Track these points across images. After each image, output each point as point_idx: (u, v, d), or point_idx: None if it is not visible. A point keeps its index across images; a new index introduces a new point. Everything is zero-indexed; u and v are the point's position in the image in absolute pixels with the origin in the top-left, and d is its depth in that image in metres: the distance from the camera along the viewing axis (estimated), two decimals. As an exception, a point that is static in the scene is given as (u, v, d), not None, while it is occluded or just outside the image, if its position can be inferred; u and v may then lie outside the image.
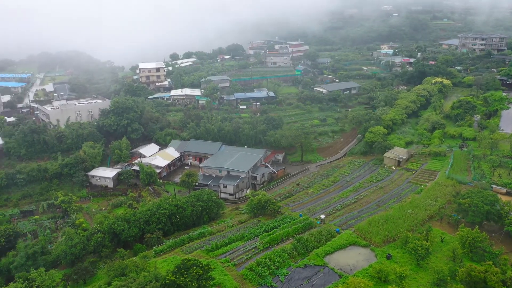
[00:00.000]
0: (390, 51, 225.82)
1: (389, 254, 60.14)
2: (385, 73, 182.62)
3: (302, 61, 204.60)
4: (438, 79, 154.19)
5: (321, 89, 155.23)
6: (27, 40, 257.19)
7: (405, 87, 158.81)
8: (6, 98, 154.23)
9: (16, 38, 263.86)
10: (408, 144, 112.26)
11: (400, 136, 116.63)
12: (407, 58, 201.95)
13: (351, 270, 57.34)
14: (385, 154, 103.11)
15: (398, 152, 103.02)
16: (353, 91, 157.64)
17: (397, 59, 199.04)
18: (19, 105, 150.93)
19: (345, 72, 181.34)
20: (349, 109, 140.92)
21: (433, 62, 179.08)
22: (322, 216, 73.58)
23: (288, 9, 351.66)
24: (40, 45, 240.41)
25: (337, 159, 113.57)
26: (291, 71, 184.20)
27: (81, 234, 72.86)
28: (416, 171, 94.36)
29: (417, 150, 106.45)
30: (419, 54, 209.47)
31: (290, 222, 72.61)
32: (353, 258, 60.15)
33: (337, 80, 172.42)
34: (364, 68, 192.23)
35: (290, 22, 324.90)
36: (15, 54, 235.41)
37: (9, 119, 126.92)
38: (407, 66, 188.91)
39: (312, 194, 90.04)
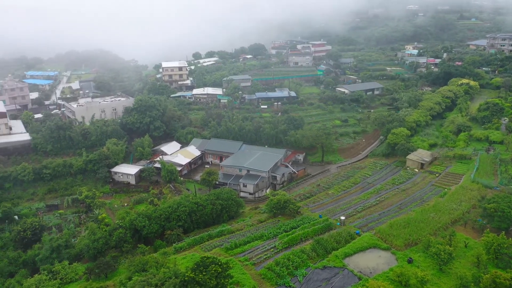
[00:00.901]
0: (415, 52, 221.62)
1: (410, 258, 59.05)
2: (409, 74, 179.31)
3: (324, 61, 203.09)
4: (465, 81, 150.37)
5: (343, 90, 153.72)
6: (55, 39, 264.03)
7: (430, 89, 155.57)
8: (35, 95, 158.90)
9: (45, 37, 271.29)
10: (432, 146, 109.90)
11: (423, 138, 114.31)
12: (433, 58, 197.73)
13: (371, 273, 56.59)
14: (408, 156, 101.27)
15: (422, 155, 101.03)
16: (376, 92, 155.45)
17: (422, 60, 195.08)
18: (47, 102, 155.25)
19: (368, 73, 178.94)
20: (372, 110, 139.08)
21: (460, 63, 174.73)
22: (342, 218, 72.89)
23: (313, 8, 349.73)
24: (68, 44, 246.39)
25: (359, 160, 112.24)
26: (313, 71, 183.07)
27: (104, 229, 74.28)
28: (440, 174, 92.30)
29: (441, 152, 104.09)
30: (445, 55, 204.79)
31: (309, 222, 72.19)
32: (373, 261, 59.34)
33: (360, 81, 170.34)
34: (388, 68, 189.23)
35: (314, 22, 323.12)
36: (44, 52, 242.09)
37: (36, 116, 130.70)
38: (432, 67, 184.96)
39: (333, 195, 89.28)
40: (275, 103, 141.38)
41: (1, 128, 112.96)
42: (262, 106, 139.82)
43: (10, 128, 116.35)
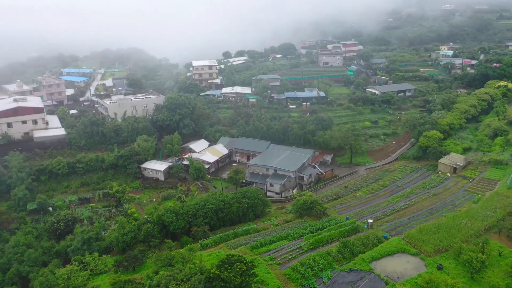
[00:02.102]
0: (450, 52, 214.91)
1: (440, 264, 57.34)
2: (444, 75, 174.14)
3: (355, 61, 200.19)
4: (503, 83, 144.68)
5: (373, 90, 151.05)
6: (91, 37, 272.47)
7: (465, 91, 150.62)
8: (70, 91, 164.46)
9: (82, 36, 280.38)
10: (466, 150, 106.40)
11: (457, 141, 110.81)
12: (469, 60, 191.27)
13: (398, 278, 55.34)
14: (440, 160, 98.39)
15: (455, 159, 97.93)
16: (408, 93, 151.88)
17: (457, 61, 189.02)
18: (81, 99, 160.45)
19: (400, 74, 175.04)
20: (403, 112, 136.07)
21: (498, 65, 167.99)
22: (370, 221, 71.63)
23: (346, 7, 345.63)
24: (103, 42, 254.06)
25: (388, 163, 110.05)
26: (343, 71, 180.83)
27: (132, 224, 75.90)
28: (474, 179, 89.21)
29: (475, 157, 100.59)
30: (482, 56, 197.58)
31: (336, 224, 71.38)
32: (401, 266, 57.99)
33: (391, 82, 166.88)
34: (421, 69, 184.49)
35: (346, 21, 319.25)
36: (80, 50, 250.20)
37: (72, 111, 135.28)
38: (468, 69, 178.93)
39: (360, 197, 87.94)
40: (304, 103, 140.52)
41: (39, 122, 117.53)
42: (290, 106, 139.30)
43: (47, 123, 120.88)
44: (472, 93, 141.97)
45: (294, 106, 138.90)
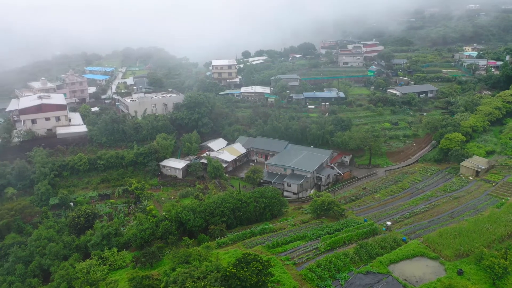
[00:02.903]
0: (474, 53, 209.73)
1: (461, 269, 56.08)
2: (467, 76, 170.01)
3: (375, 62, 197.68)
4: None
5: (394, 91, 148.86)
6: (113, 36, 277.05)
7: (489, 92, 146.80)
8: (92, 89, 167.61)
9: (104, 35, 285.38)
10: (489, 153, 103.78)
11: (480, 144, 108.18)
12: (494, 61, 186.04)
13: (416, 282, 54.39)
14: (462, 163, 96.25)
15: (477, 162, 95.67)
16: (430, 95, 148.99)
17: (482, 62, 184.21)
18: (103, 96, 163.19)
19: (422, 74, 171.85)
20: (424, 113, 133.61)
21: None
22: (389, 223, 70.66)
23: (368, 7, 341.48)
24: (124, 41, 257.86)
25: (408, 165, 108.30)
26: (363, 71, 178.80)
27: (151, 220, 76.90)
28: (497, 183, 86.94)
29: (499, 160, 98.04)
30: (507, 57, 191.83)
31: (353, 226, 70.72)
32: (419, 270, 56.99)
33: (413, 83, 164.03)
34: (444, 70, 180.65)
35: (367, 21, 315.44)
36: (102, 49, 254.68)
37: (93, 109, 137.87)
38: (493, 70, 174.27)
39: (379, 199, 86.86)
40: (323, 103, 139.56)
41: (62, 119, 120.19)
42: (309, 106, 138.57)
43: (70, 120, 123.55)
44: (497, 95, 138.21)
45: (313, 106, 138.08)
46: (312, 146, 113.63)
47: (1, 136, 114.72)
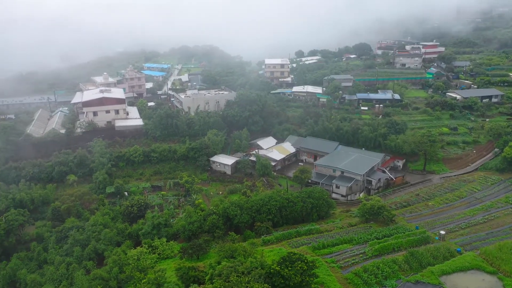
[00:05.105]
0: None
1: (521, 287, 52.29)
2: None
3: (435, 64, 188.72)
4: None
5: (454, 95, 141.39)
6: (171, 34, 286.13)
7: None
8: (149, 85, 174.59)
9: (163, 32, 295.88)
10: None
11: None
12: None
13: (471, 296, 51.46)
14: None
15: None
16: (494, 100, 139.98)
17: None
18: (159, 92, 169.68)
19: (486, 78, 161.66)
20: (487, 119, 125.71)
21: None
22: (442, 232, 67.39)
23: (432, 7, 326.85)
24: (181, 39, 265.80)
25: (467, 172, 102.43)
26: (421, 73, 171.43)
27: (199, 214, 78.68)
28: None
29: None
30: None
31: (404, 232, 68.20)
32: (474, 284, 53.84)
33: (475, 86, 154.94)
34: (511, 74, 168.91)
35: (429, 21, 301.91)
36: (161, 46, 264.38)
37: (150, 104, 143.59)
38: None
39: (433, 207, 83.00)
40: (377, 105, 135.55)
41: (120, 113, 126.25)
42: (362, 108, 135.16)
43: (127, 114, 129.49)
44: None
45: (366, 108, 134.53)
46: (363, 149, 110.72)
47: (66, 126, 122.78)
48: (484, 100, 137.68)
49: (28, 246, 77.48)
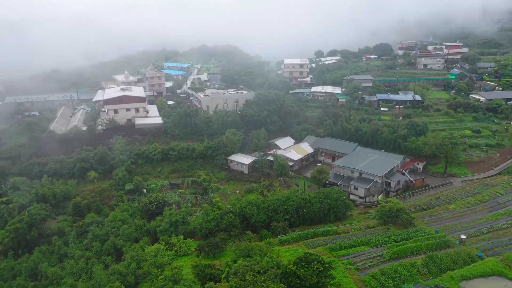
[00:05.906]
0: None
1: (545, 295, 50.77)
2: None
3: (458, 65, 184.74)
4: None
5: (478, 97, 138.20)
6: (191, 34, 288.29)
7: None
8: (169, 84, 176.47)
9: (183, 32, 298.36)
10: None
11: None
12: None
13: (492, 303, 50.22)
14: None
15: None
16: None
17: None
18: (178, 91, 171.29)
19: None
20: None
21: None
22: (463, 237, 65.97)
23: (455, 7, 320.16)
24: (201, 39, 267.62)
25: (489, 176, 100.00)
26: (443, 74, 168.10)
27: (216, 212, 79.07)
28: None
29: None
30: None
31: (423, 236, 67.12)
32: (496, 290, 52.55)
33: (500, 88, 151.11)
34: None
35: (454, 22, 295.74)
36: (181, 45, 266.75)
37: (169, 102, 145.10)
38: None
39: (453, 210, 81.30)
40: (397, 106, 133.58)
41: (140, 111, 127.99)
42: (382, 109, 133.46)
43: (147, 112, 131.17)
44: None
45: (386, 109, 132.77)
46: (382, 150, 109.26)
47: (87, 123, 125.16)
48: (509, 103, 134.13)
49: (50, 240, 79.51)
